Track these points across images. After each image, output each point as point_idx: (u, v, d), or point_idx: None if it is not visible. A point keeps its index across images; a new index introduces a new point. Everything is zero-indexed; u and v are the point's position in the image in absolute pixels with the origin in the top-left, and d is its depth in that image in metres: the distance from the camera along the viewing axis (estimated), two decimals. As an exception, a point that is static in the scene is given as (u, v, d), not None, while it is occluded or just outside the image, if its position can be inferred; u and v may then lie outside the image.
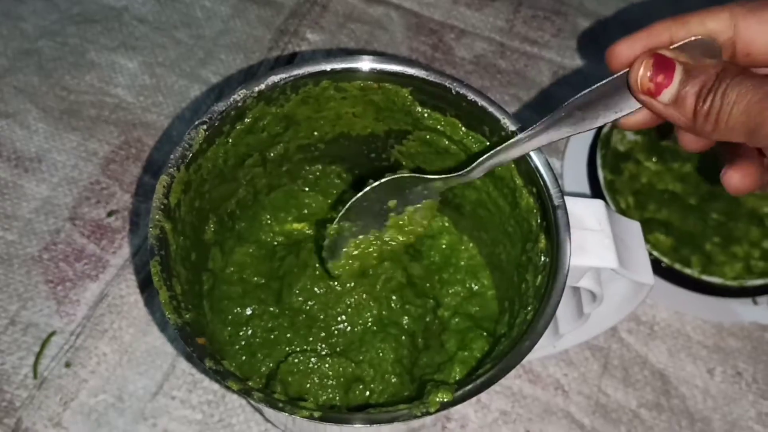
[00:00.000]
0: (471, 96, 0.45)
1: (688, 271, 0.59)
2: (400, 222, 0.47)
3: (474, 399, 0.54)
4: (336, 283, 0.50)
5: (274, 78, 0.45)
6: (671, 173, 0.65)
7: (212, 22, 0.73)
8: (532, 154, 0.42)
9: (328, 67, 0.46)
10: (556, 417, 0.55)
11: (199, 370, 0.54)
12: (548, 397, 0.56)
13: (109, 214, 0.60)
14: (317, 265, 0.50)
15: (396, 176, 0.45)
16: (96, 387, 0.53)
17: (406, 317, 0.49)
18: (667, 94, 0.34)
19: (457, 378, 0.46)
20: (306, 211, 0.53)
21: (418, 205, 0.47)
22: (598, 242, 0.42)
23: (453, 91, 0.45)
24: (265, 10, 0.73)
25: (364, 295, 0.50)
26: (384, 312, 0.49)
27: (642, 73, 0.34)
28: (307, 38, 0.72)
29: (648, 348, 0.59)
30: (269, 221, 0.53)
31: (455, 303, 0.51)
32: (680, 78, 0.34)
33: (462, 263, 0.53)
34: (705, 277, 0.59)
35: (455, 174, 0.44)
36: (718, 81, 0.32)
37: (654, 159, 0.65)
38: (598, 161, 0.64)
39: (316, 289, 0.50)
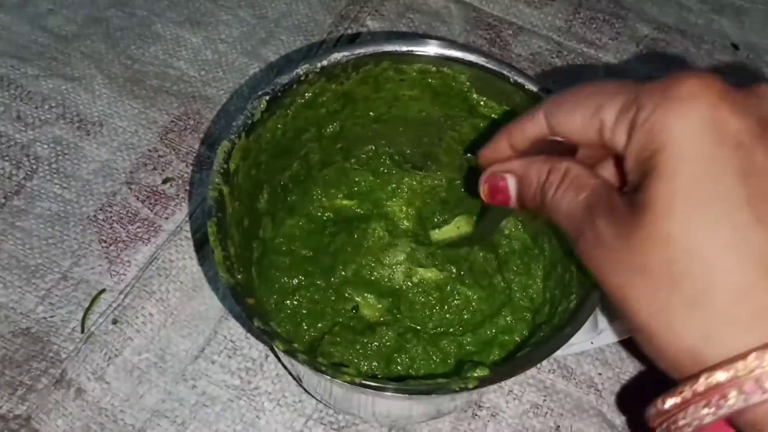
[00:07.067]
0: (529, 86, 0.46)
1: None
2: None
3: (506, 389, 0.55)
4: (393, 270, 0.50)
5: (337, 55, 0.46)
6: None
7: (275, 4, 0.74)
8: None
9: (389, 48, 0.47)
10: (588, 415, 0.55)
11: (245, 329, 0.55)
12: (581, 395, 0.56)
13: (165, 181, 0.62)
14: (368, 245, 0.51)
15: None
16: (140, 345, 0.55)
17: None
18: (511, 202, 0.40)
19: (495, 360, 0.47)
20: (356, 189, 0.54)
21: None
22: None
23: (511, 80, 0.46)
24: (328, -5, 0.75)
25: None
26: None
27: (486, 194, 0.40)
28: (367, 25, 0.73)
29: (685, 354, 0.59)
30: (320, 196, 0.54)
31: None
32: (515, 190, 0.39)
33: (516, 248, 0.53)
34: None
35: None
36: (543, 189, 0.37)
37: None
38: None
39: (366, 273, 0.50)
